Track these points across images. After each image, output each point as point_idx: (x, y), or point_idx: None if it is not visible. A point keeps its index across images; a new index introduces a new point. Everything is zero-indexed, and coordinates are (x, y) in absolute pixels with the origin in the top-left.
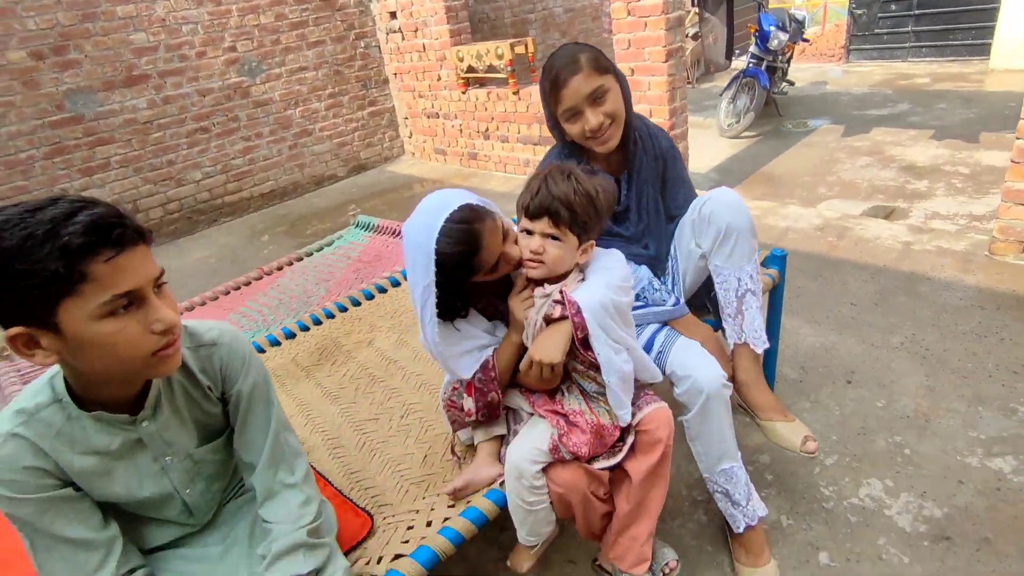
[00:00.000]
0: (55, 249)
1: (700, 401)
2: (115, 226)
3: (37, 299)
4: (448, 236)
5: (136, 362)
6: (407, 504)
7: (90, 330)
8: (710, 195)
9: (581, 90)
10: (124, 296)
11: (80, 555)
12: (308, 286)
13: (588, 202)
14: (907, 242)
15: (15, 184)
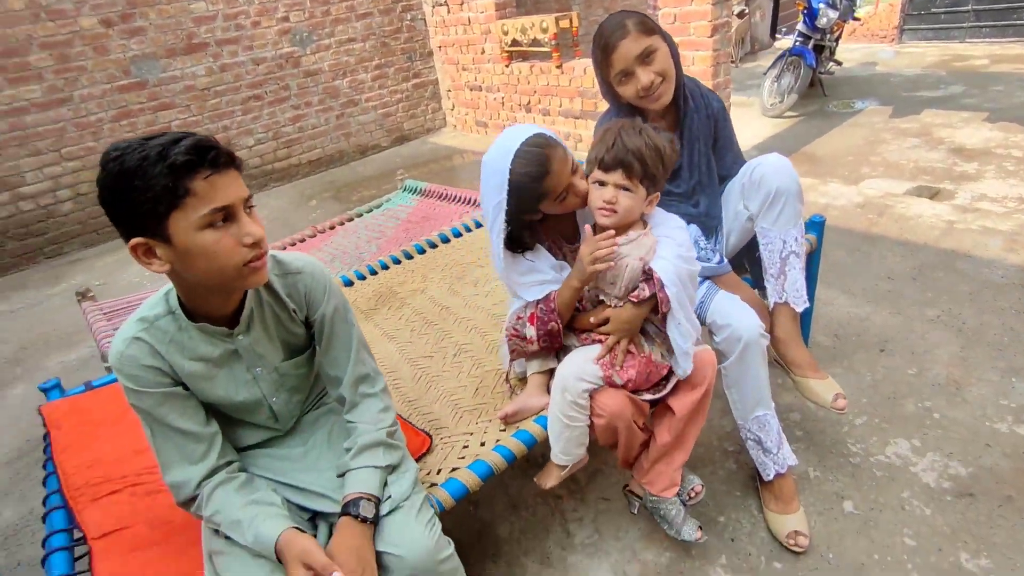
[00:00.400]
0: (164, 167)
1: (738, 348)
2: (212, 149)
3: (151, 212)
4: (521, 158)
5: (231, 270)
6: (462, 428)
7: (193, 240)
8: (761, 159)
9: (631, 52)
10: (220, 210)
11: (189, 445)
12: (360, 243)
13: (657, 156)
14: (950, 221)
15: (85, 145)
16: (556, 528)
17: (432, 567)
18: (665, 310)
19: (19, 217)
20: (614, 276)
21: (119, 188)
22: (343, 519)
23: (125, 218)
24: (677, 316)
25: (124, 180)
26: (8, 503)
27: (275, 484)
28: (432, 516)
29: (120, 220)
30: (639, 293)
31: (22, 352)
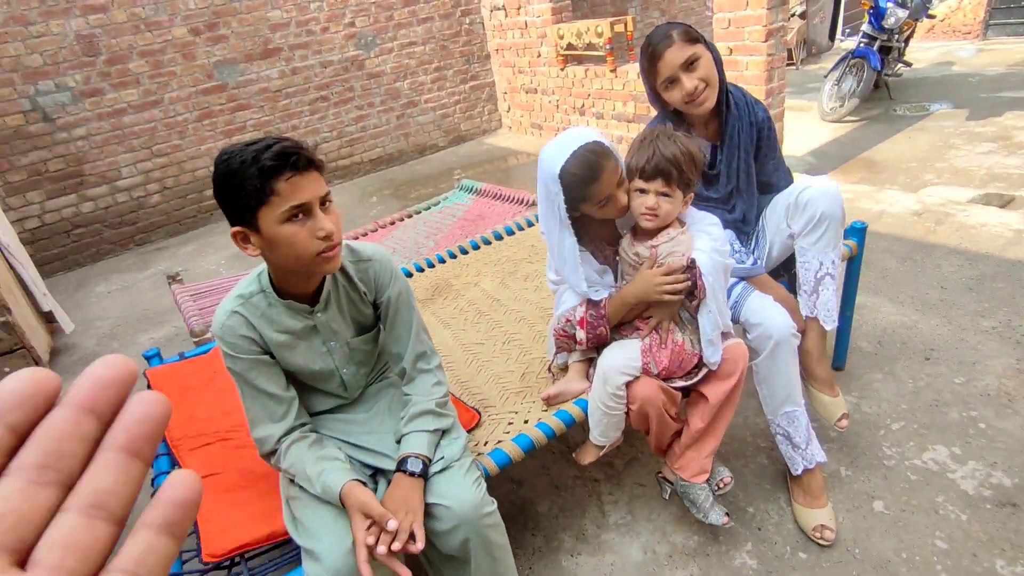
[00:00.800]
0: (256, 170)
1: (769, 346)
2: (294, 154)
3: (246, 207)
4: (577, 159)
5: (307, 258)
6: (508, 407)
7: (276, 231)
8: (810, 184)
9: (676, 60)
10: (298, 207)
11: (271, 405)
12: (419, 238)
13: (691, 161)
14: (1019, 230)
15: (172, 143)
16: (592, 508)
17: (476, 519)
18: (702, 297)
19: (115, 208)
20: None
21: (224, 186)
22: (396, 474)
23: (229, 210)
24: (710, 305)
25: (228, 180)
26: None
27: (342, 444)
28: (479, 476)
29: (226, 211)
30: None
31: (117, 328)
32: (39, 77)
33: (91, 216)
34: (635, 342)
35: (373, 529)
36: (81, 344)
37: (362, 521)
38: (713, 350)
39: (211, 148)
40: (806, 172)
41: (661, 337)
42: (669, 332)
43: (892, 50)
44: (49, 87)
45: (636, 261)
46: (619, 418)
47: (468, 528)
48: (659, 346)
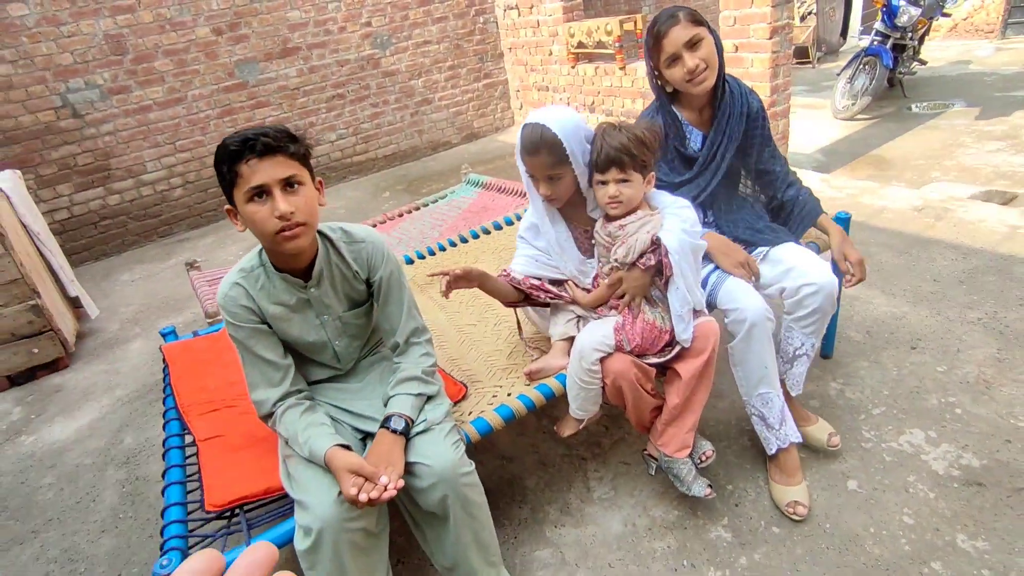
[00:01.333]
0: (225, 155)
1: (744, 328)
2: (253, 140)
3: (226, 188)
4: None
5: (268, 236)
6: (494, 381)
7: (244, 210)
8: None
9: (680, 38)
10: (257, 188)
11: (269, 370)
12: (424, 229)
13: (640, 144)
14: (1014, 226)
15: (195, 138)
16: (578, 484)
17: (454, 478)
18: (669, 274)
19: (140, 201)
20: (626, 248)
21: (215, 169)
22: (380, 431)
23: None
24: (678, 282)
25: (215, 162)
26: (129, 432)
27: (336, 410)
28: (458, 439)
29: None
30: (645, 261)
31: (140, 314)
32: (70, 75)
33: (117, 208)
34: (610, 320)
35: (356, 480)
36: (105, 328)
37: (348, 478)
38: (684, 326)
39: None
40: (815, 169)
41: (634, 315)
42: (641, 310)
43: (906, 48)
44: (79, 84)
45: (608, 242)
46: (595, 392)
47: (446, 485)
48: (632, 324)
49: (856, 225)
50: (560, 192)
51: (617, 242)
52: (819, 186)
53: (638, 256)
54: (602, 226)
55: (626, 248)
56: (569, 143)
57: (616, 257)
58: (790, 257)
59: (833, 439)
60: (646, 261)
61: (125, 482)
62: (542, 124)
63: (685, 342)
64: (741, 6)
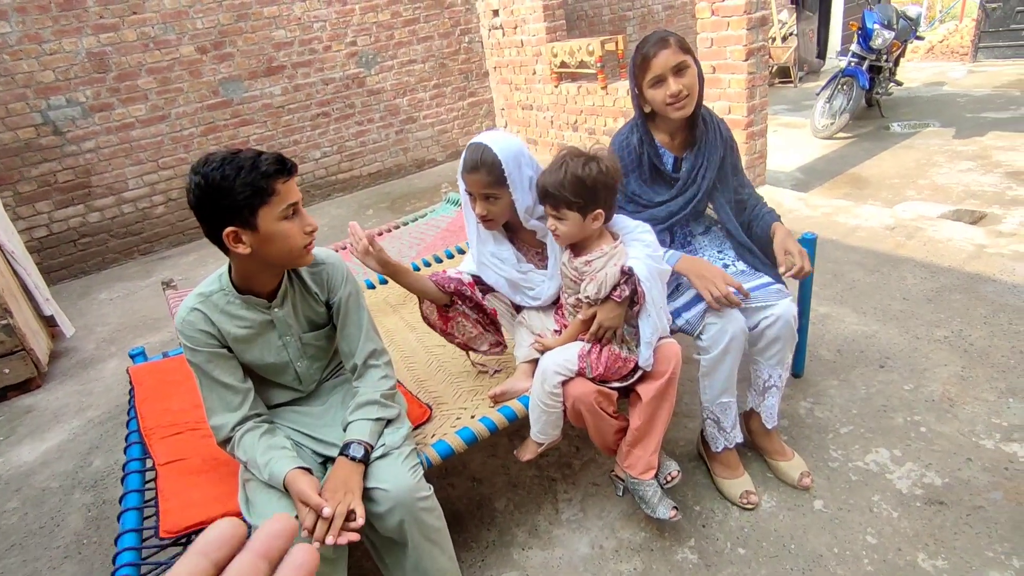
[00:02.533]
0: (259, 174)
1: (725, 341)
2: (287, 160)
3: (245, 206)
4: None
5: (297, 250)
6: (459, 404)
7: (275, 227)
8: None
9: (668, 62)
10: (292, 206)
11: (228, 395)
12: (403, 248)
13: (577, 184)
14: (981, 245)
15: (178, 155)
16: (547, 506)
17: (411, 502)
18: (642, 303)
19: (121, 218)
20: (597, 285)
21: (218, 189)
22: (338, 458)
23: (219, 214)
24: (649, 309)
25: (223, 184)
26: (98, 455)
27: (297, 434)
28: (417, 464)
29: (213, 215)
30: (620, 292)
31: (116, 333)
32: (51, 92)
33: (97, 226)
34: (575, 345)
35: (311, 513)
36: (80, 347)
37: (304, 508)
38: (649, 349)
39: None
40: (793, 187)
41: (601, 344)
42: (608, 340)
43: (882, 70)
44: (60, 102)
45: (576, 276)
46: (557, 416)
47: (403, 510)
48: (597, 354)
49: (830, 244)
50: (495, 213)
51: (585, 279)
52: (796, 205)
53: (611, 290)
54: (569, 260)
55: (596, 285)
56: (508, 166)
57: (587, 295)
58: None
59: (804, 479)
60: (621, 293)
61: (91, 506)
62: (485, 144)
63: (647, 366)
64: (718, 28)
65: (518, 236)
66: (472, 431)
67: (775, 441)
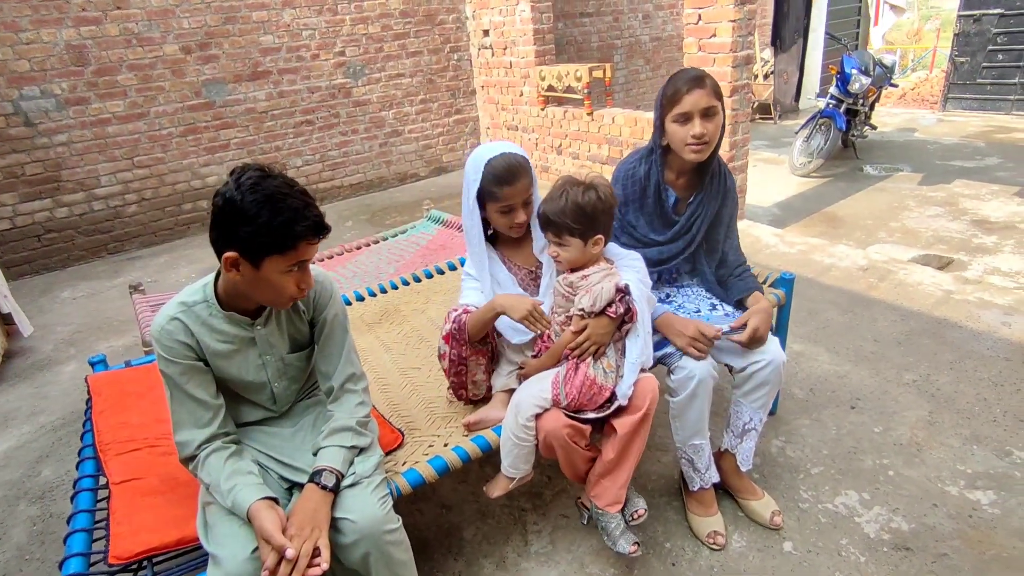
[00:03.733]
0: (292, 230)
1: (691, 386)
2: (325, 226)
3: (260, 248)
4: (505, 158)
5: (281, 300)
6: (432, 430)
7: (276, 277)
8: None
9: (700, 103)
10: (300, 263)
11: (198, 410)
12: (381, 264)
13: (578, 211)
14: (949, 291)
15: (155, 155)
16: (516, 537)
17: (378, 535)
18: (633, 321)
19: (90, 215)
20: (592, 297)
21: (245, 219)
22: (308, 485)
23: (234, 236)
24: (638, 330)
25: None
26: (48, 464)
27: (264, 456)
28: (386, 494)
29: (227, 233)
30: (616, 309)
31: (77, 335)
32: (25, 82)
33: (65, 222)
34: (548, 374)
35: (273, 553)
36: (37, 348)
37: (265, 546)
38: (628, 383)
39: (193, 163)
40: (770, 223)
41: (575, 367)
42: (584, 364)
43: (858, 113)
44: (34, 93)
45: (569, 292)
46: (529, 450)
47: (369, 542)
48: (572, 377)
49: (805, 282)
50: (530, 216)
51: (579, 292)
52: (773, 241)
53: (605, 304)
54: (563, 277)
55: (591, 297)
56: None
57: (581, 307)
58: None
59: (776, 518)
60: (616, 309)
61: (37, 519)
62: (511, 152)
63: (624, 398)
64: (704, 64)
65: (512, 260)
66: (444, 460)
67: (746, 481)
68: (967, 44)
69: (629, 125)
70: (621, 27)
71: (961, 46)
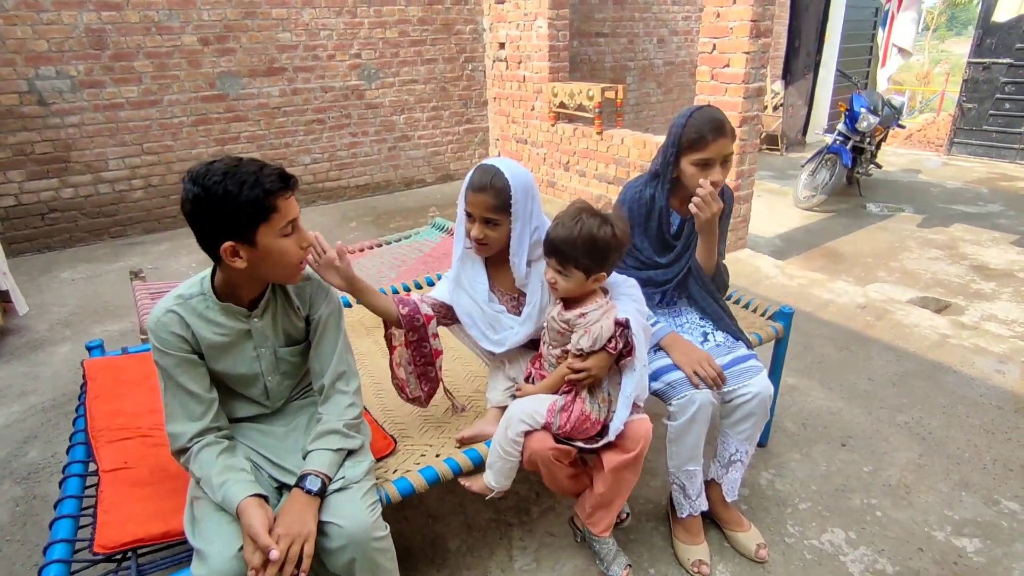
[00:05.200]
0: (261, 190)
1: (691, 412)
2: (289, 176)
3: (246, 222)
4: (485, 170)
5: (291, 267)
6: (425, 439)
7: (274, 244)
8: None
9: (723, 151)
10: (291, 223)
11: (191, 403)
12: (383, 268)
13: (589, 244)
14: (945, 335)
15: (165, 143)
16: (501, 552)
17: (366, 541)
18: (631, 355)
19: (95, 198)
20: (591, 338)
21: (219, 204)
22: (294, 489)
23: (219, 227)
24: (635, 365)
25: (227, 198)
26: (35, 445)
27: (256, 455)
28: (375, 501)
29: (211, 228)
30: (616, 344)
31: (74, 316)
32: (41, 62)
33: (70, 202)
34: (547, 398)
35: (259, 553)
36: (33, 327)
37: (251, 544)
38: (621, 418)
39: (202, 153)
40: (772, 254)
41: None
42: (581, 398)
43: (864, 151)
44: (50, 73)
45: (565, 329)
46: (513, 466)
47: (356, 549)
48: (569, 410)
49: (803, 315)
50: (492, 239)
51: (577, 330)
52: (774, 272)
53: (606, 342)
54: (560, 312)
55: (591, 338)
56: (516, 194)
57: (580, 346)
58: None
59: (761, 551)
60: (616, 345)
61: (21, 500)
62: (498, 168)
63: (615, 433)
64: (716, 93)
65: (495, 280)
66: (436, 471)
67: (733, 511)
68: (975, 91)
69: (638, 147)
70: (635, 50)
71: (969, 92)
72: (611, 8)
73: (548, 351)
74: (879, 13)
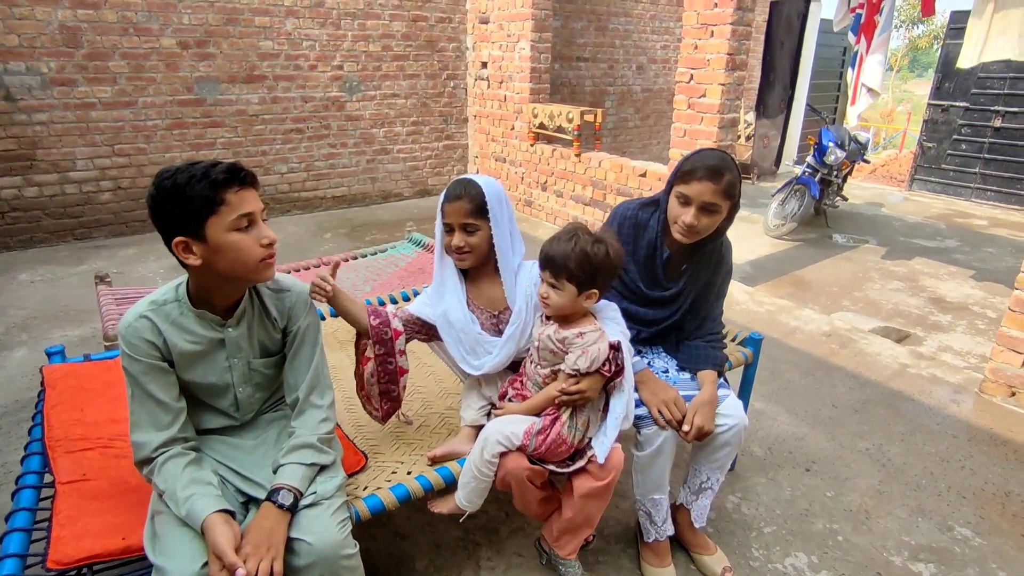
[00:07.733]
0: (208, 182)
1: (658, 442)
2: (241, 171)
3: (194, 216)
4: (460, 180)
5: (251, 264)
6: (396, 456)
7: (224, 239)
8: (726, 422)
9: (703, 195)
10: (245, 216)
11: (158, 411)
12: (357, 282)
13: (584, 260)
14: (904, 364)
15: (137, 145)
16: (468, 572)
17: (335, 559)
18: (620, 379)
19: (61, 198)
20: (589, 359)
21: (170, 198)
22: (265, 504)
23: (171, 222)
24: (625, 386)
25: (175, 192)
26: None
27: (224, 468)
28: (345, 518)
29: (165, 224)
30: (610, 367)
31: (31, 320)
32: (11, 57)
33: (33, 201)
34: (525, 421)
35: (224, 571)
36: None
37: (216, 563)
38: (611, 440)
39: (176, 157)
40: (742, 280)
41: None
42: (560, 422)
43: (832, 183)
44: (20, 68)
45: (560, 348)
46: (486, 486)
47: (324, 567)
48: (546, 433)
49: (771, 342)
50: (473, 245)
51: (574, 350)
52: (744, 298)
53: (602, 364)
54: (555, 331)
55: (588, 359)
56: (491, 199)
57: (577, 366)
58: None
59: (727, 574)
60: (611, 367)
61: None
62: (469, 178)
63: (603, 456)
64: (691, 121)
65: (473, 296)
66: (407, 489)
67: (700, 535)
68: (935, 131)
69: (615, 170)
70: (615, 75)
71: (929, 132)
72: (593, 34)
73: (535, 370)
74: (847, 53)
